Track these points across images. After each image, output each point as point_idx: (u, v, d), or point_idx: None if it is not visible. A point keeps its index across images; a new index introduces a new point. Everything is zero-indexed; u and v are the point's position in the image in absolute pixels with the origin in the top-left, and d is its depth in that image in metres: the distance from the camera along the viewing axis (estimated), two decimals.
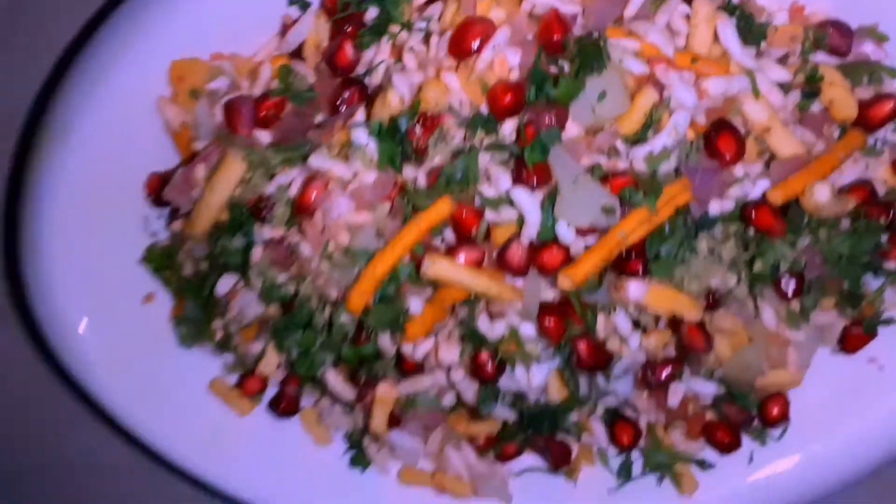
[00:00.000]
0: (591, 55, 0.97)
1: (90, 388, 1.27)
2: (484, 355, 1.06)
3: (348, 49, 1.06)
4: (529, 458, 1.27)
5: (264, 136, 1.13)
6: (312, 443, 1.32)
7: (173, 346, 1.29)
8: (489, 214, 1.01)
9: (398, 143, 0.98)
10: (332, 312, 1.08)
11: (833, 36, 1.05)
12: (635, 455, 1.25)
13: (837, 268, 1.06)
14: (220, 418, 1.31)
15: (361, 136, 1.01)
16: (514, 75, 1.00)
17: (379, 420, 1.16)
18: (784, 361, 1.16)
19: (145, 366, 1.27)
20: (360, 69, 1.08)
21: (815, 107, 1.07)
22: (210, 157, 1.11)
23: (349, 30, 1.09)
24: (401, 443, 1.22)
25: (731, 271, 1.03)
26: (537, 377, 1.07)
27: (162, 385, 1.28)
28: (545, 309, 1.04)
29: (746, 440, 1.21)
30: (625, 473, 1.24)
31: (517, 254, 1.00)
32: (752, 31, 1.04)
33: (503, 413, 1.16)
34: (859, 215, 1.08)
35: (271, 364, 1.20)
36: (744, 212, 1.02)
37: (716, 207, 1.02)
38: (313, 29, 1.12)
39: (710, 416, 1.21)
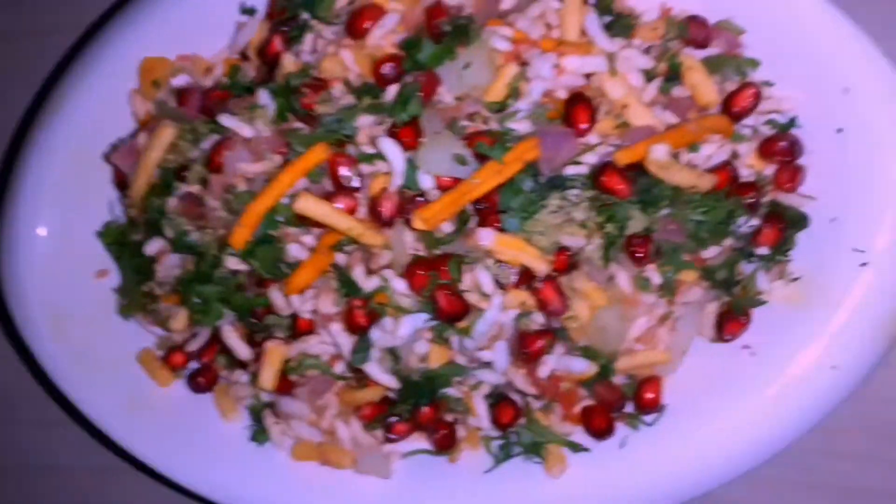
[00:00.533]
0: (461, 31, 1.12)
1: (36, 353, 1.39)
2: (356, 303, 1.14)
3: (277, 42, 1.24)
4: (420, 442, 1.29)
5: None
6: (221, 417, 1.38)
7: (115, 318, 1.42)
8: (364, 167, 1.13)
9: (290, 101, 1.13)
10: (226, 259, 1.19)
11: (692, 29, 1.17)
12: (514, 438, 1.26)
13: (695, 238, 1.12)
14: (144, 388, 1.40)
15: (263, 96, 1.17)
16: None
17: (266, 376, 1.23)
18: (655, 341, 1.19)
19: (87, 335, 1.40)
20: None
21: (680, 92, 1.17)
22: (152, 129, 1.29)
23: (282, 29, 1.28)
24: (290, 409, 1.28)
25: (582, 231, 1.10)
26: (405, 328, 1.14)
27: (98, 353, 1.40)
28: (413, 262, 1.13)
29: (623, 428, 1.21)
30: (503, 454, 1.25)
31: (385, 203, 1.10)
32: (619, 25, 1.17)
33: (384, 379, 1.21)
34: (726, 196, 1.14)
35: (181, 320, 1.30)
36: (593, 177, 1.10)
37: (570, 171, 1.11)
38: (257, 32, 1.32)
39: (584, 397, 1.22)
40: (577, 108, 1.11)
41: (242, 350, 1.27)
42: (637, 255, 1.09)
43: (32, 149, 1.37)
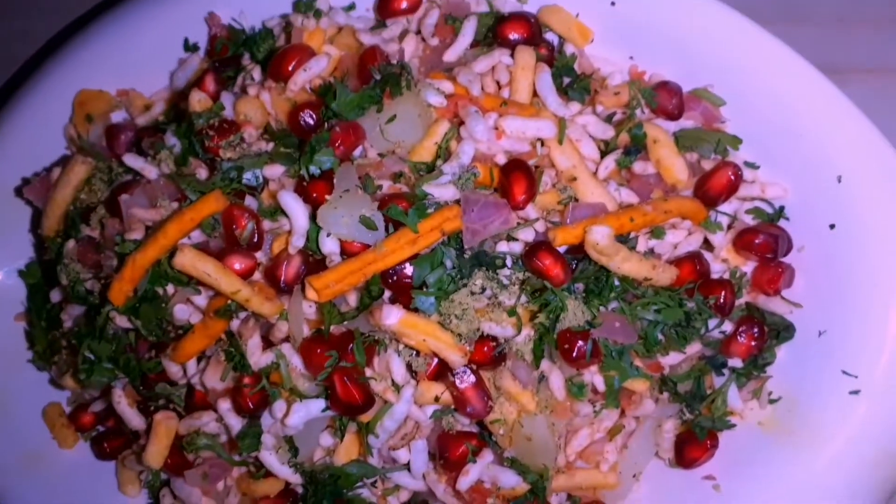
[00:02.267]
0: (390, 80, 0.98)
1: None
2: (246, 381, 0.98)
3: (209, 80, 1.13)
4: None
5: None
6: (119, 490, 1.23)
7: (27, 364, 1.30)
8: (267, 223, 0.98)
9: (192, 142, 1.01)
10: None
11: (661, 96, 1.00)
12: None
13: (646, 341, 0.92)
14: (46, 446, 1.27)
15: (170, 137, 1.05)
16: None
17: (153, 452, 1.07)
18: (600, 459, 0.99)
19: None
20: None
21: (645, 168, 1.00)
22: (65, 165, 1.18)
23: (217, 67, 1.17)
24: (181, 492, 1.12)
25: (510, 320, 0.92)
26: (296, 417, 0.97)
27: (5, 400, 1.27)
28: (312, 339, 0.97)
29: None
30: None
31: (284, 266, 0.95)
32: (579, 87, 1.01)
33: (281, 471, 1.04)
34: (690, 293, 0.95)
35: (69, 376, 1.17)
36: (526, 257, 0.93)
37: (503, 248, 0.95)
38: (196, 69, 1.22)
39: None
40: (515, 175, 0.95)
41: (133, 418, 1.12)
42: (571, 354, 0.90)
43: None
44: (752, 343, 0.96)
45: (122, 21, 1.25)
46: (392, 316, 0.91)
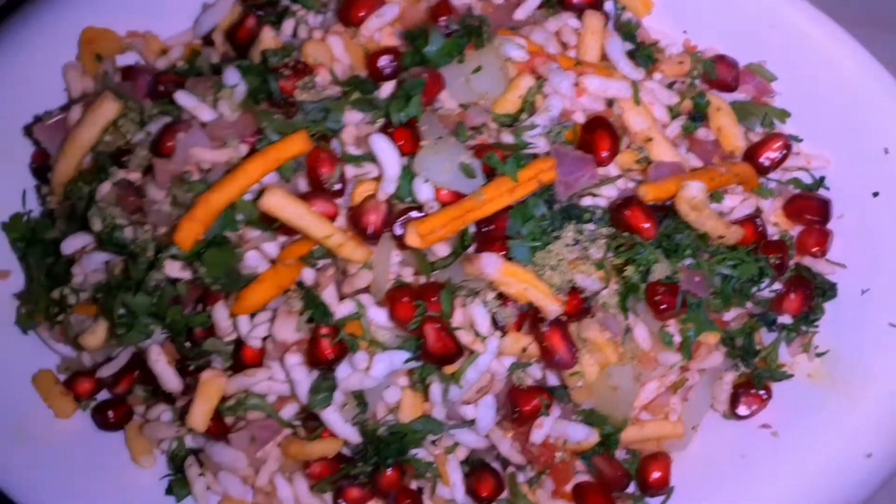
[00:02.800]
0: (472, 32, 0.97)
1: None
2: (323, 331, 0.94)
3: (250, 23, 1.07)
4: None
5: None
6: (130, 461, 1.13)
7: (12, 329, 1.17)
8: (349, 169, 0.95)
9: (266, 82, 0.95)
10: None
11: (720, 69, 1.06)
12: None
13: (721, 295, 0.98)
14: (36, 418, 1.14)
15: (231, 75, 0.98)
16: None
17: (198, 413, 1.00)
18: (666, 411, 1.03)
19: None
20: None
21: (705, 135, 1.06)
22: (89, 103, 1.08)
23: (258, 13, 1.11)
24: (222, 458, 1.05)
25: (598, 272, 0.95)
26: (380, 367, 0.94)
27: None
28: (397, 288, 0.94)
29: None
30: None
31: (371, 213, 0.92)
32: (642, 55, 1.05)
33: (344, 430, 1.00)
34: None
35: (97, 335, 1.07)
36: (614, 212, 0.96)
37: (587, 202, 0.97)
38: (227, 14, 1.15)
39: (580, 471, 1.04)
40: (599, 133, 0.98)
41: (171, 379, 1.03)
42: (661, 306, 0.94)
43: None
44: (803, 300, 1.03)
45: None
46: (493, 264, 0.91)
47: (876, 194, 1.03)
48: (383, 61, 0.96)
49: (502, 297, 0.95)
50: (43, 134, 1.09)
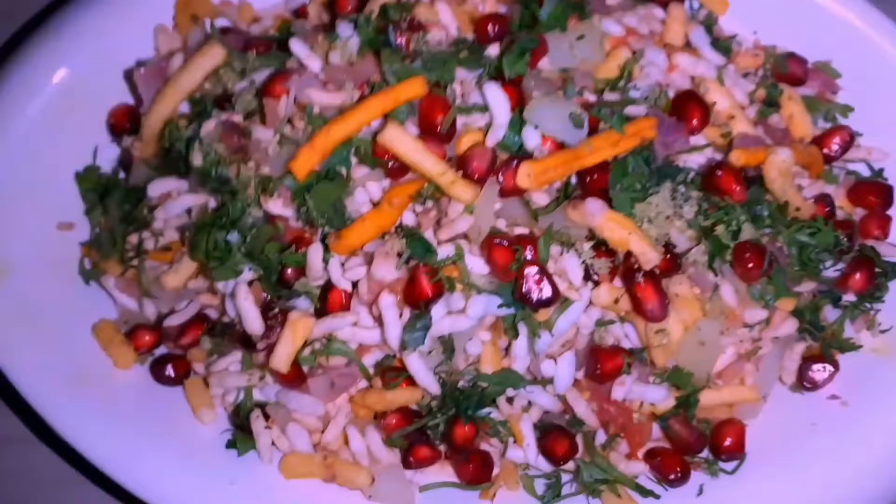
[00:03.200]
0: (576, 6, 1.04)
1: None
2: (425, 269, 0.95)
3: None
4: (445, 473, 1.07)
5: None
6: (190, 416, 1.11)
7: (74, 280, 1.16)
8: (459, 119, 0.99)
9: (383, 34, 1.00)
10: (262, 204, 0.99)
11: (791, 64, 1.14)
12: (565, 478, 1.06)
13: (798, 260, 1.03)
14: (95, 367, 1.12)
15: (344, 28, 1.03)
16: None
17: (283, 353, 1.00)
18: (741, 377, 1.06)
19: (33, 293, 1.13)
20: None
21: (777, 122, 1.13)
22: (193, 50, 1.11)
23: None
24: (298, 404, 1.04)
25: (691, 230, 0.99)
26: (477, 306, 0.96)
27: (44, 316, 1.12)
28: (497, 234, 0.97)
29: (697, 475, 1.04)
30: (550, 495, 1.04)
31: (478, 158, 0.96)
32: (720, 46, 1.13)
33: (426, 378, 1.00)
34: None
35: (181, 274, 1.06)
36: (706, 175, 1.01)
37: (681, 162, 1.02)
38: None
39: (654, 438, 1.06)
40: (691, 104, 1.04)
41: (255, 319, 1.03)
42: (749, 265, 0.98)
43: (24, 61, 1.15)
44: (868, 278, 1.09)
45: None
46: (598, 209, 0.94)
47: None
48: (490, 25, 1.02)
49: (596, 250, 0.98)
50: (142, 78, 1.11)
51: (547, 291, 0.95)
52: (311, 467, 1.05)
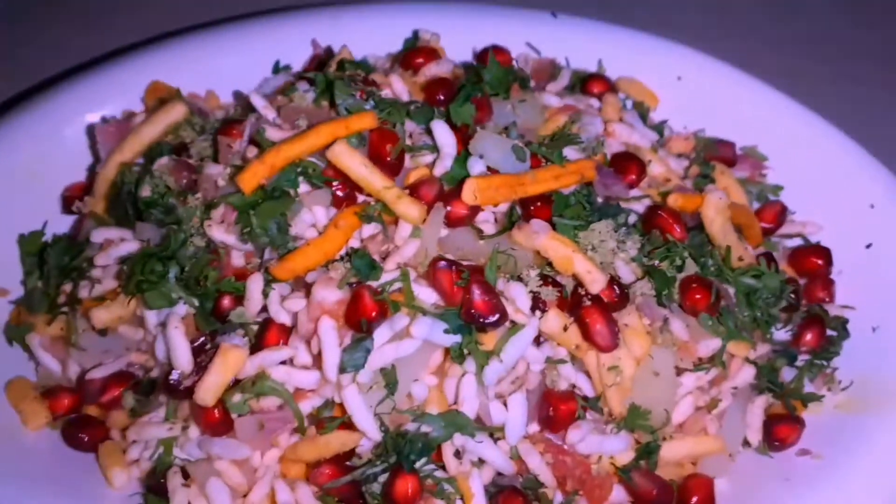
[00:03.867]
0: (518, 78, 1.14)
1: None
2: (368, 289, 0.93)
3: (303, 85, 1.19)
4: None
5: None
6: (98, 482, 1.00)
7: None
8: (408, 158, 1.03)
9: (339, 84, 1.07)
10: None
11: (721, 148, 1.23)
12: None
13: (747, 304, 1.02)
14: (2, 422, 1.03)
15: (303, 84, 1.10)
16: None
17: (210, 384, 0.93)
18: (704, 427, 1.00)
19: None
20: None
21: None
22: (154, 110, 1.17)
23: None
24: (222, 450, 0.95)
25: (634, 263, 0.99)
26: (420, 328, 0.92)
27: None
28: (440, 258, 0.96)
29: None
30: None
31: (425, 186, 0.98)
32: (653, 128, 1.23)
33: (367, 421, 0.93)
34: None
35: (113, 310, 1.02)
36: (647, 215, 1.04)
37: (622, 204, 1.05)
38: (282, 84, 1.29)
39: (619, 498, 0.97)
40: (629, 161, 1.10)
41: (184, 353, 0.96)
42: (697, 295, 0.98)
43: None
44: (819, 335, 1.08)
45: (211, 39, 1.35)
46: (542, 230, 0.95)
47: (869, 245, 1.14)
48: (439, 89, 1.10)
49: (543, 280, 0.97)
50: (103, 133, 1.15)
51: (494, 309, 0.92)
52: None
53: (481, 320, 0.92)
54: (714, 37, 1.47)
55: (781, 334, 1.11)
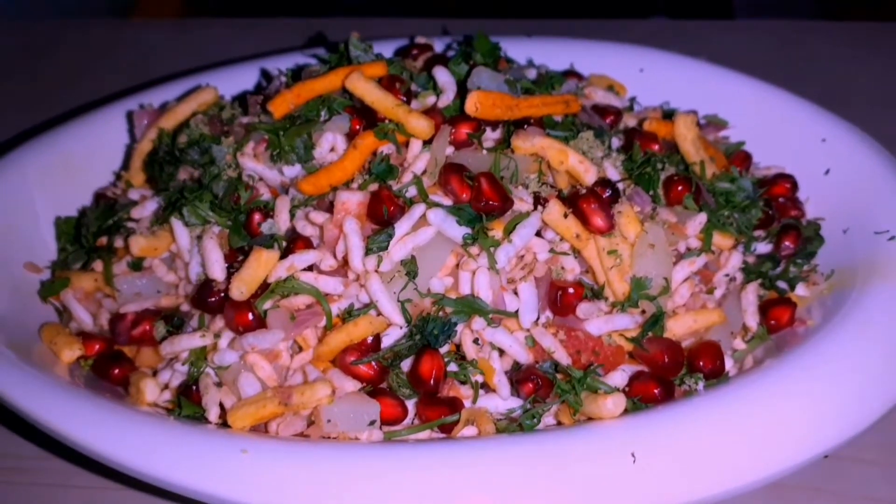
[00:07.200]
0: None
1: None
2: (387, 189, 1.04)
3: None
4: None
5: None
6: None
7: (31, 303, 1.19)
8: (414, 102, 1.18)
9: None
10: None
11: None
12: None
13: (727, 204, 1.14)
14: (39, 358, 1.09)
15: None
16: None
17: (245, 277, 1.01)
18: (703, 304, 1.08)
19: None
20: None
21: None
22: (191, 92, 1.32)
23: None
24: (257, 340, 1.01)
25: (621, 167, 1.12)
26: (436, 215, 1.02)
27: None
28: (451, 164, 1.08)
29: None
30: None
31: (432, 114, 1.13)
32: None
33: (388, 306, 1.01)
34: None
35: (152, 240, 1.11)
36: (627, 135, 1.18)
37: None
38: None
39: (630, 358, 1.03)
40: (607, 109, 1.25)
41: (216, 263, 1.05)
42: (679, 187, 1.10)
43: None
44: (797, 238, 1.18)
45: None
46: (538, 133, 1.08)
47: (827, 171, 1.28)
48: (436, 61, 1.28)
49: (541, 179, 1.09)
50: (139, 117, 1.29)
51: (502, 196, 1.03)
52: (261, 404, 0.95)
53: (491, 204, 1.02)
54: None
55: (762, 246, 1.20)
